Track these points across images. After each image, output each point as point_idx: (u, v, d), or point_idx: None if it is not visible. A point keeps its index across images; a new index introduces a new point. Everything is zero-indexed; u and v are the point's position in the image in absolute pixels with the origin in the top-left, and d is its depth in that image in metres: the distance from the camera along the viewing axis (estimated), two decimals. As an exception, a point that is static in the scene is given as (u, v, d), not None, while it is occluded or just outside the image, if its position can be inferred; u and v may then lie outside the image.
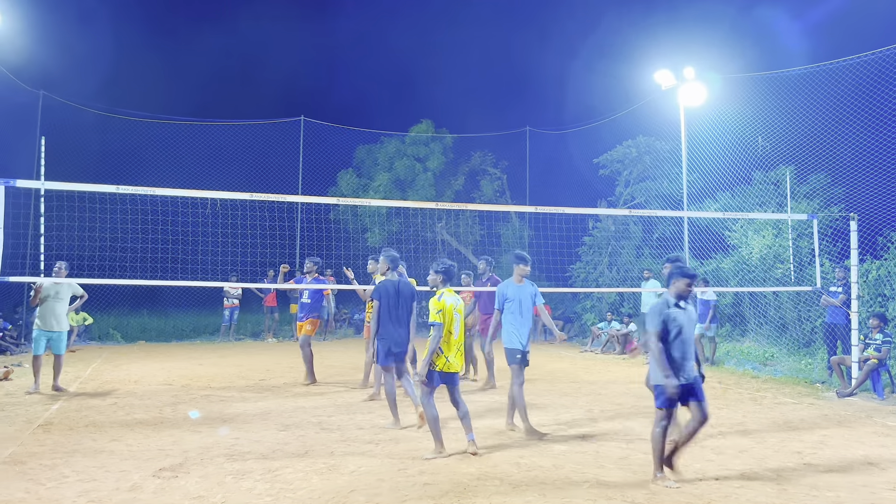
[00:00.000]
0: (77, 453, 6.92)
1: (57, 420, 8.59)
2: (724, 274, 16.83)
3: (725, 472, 6.35)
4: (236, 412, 9.23)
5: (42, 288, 10.78)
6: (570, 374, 13.34)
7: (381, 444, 7.42)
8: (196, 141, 21.78)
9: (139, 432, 7.93)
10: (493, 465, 6.52)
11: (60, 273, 10.73)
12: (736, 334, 16.74)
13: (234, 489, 5.74)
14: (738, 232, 16.62)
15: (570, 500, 5.49)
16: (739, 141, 16.08)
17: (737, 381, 12.56)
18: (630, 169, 21.01)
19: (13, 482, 5.88)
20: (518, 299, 8.26)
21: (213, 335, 20.27)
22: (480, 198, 24.67)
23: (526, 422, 7.97)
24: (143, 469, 6.31)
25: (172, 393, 10.77)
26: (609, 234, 21.21)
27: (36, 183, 12.12)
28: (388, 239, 23.10)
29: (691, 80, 16.44)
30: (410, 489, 5.74)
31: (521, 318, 8.25)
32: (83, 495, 5.53)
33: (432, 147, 24.51)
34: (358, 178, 24.52)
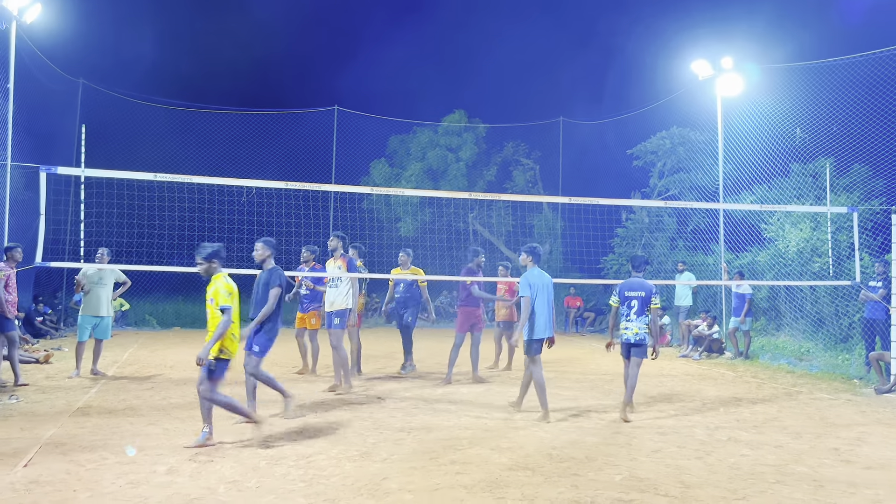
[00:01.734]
0: (115, 436, 7.05)
1: (96, 403, 8.76)
2: (759, 267, 16.61)
3: (761, 468, 6.28)
4: (269, 398, 9.32)
5: (83, 279, 10.95)
6: (602, 366, 13.27)
7: (413, 432, 7.45)
8: (231, 129, 22.02)
9: (175, 416, 8.06)
10: (526, 455, 6.52)
11: (103, 259, 10.87)
12: (771, 328, 16.53)
13: (269, 474, 5.80)
14: (775, 225, 16.39)
15: (602, 492, 5.47)
16: (777, 132, 15.82)
17: (771, 376, 12.41)
18: (664, 160, 20.81)
19: (54, 463, 6.01)
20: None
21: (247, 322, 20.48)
22: (513, 188, 24.61)
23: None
24: (179, 453, 6.41)
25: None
26: (643, 225, 21.04)
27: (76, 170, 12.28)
28: (421, 229, 23.15)
29: (729, 71, 16.20)
30: (442, 478, 5.77)
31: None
32: (122, 477, 5.64)
33: (465, 137, 24.49)
34: (390, 167, 24.59)
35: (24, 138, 14.39)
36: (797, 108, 15.35)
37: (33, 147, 15.45)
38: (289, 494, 5.31)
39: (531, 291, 8.34)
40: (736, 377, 12.28)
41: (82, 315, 10.96)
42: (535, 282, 8.41)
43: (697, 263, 18.41)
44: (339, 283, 9.94)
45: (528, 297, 8.32)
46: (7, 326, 10.01)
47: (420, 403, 9.10)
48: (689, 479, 5.89)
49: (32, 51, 14.83)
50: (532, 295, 8.34)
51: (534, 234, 23.77)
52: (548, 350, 8.51)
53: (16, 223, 13.33)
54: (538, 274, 8.52)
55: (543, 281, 8.48)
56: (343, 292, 9.90)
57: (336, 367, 10.00)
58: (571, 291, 21.91)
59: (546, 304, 8.40)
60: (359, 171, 23.96)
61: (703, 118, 18.41)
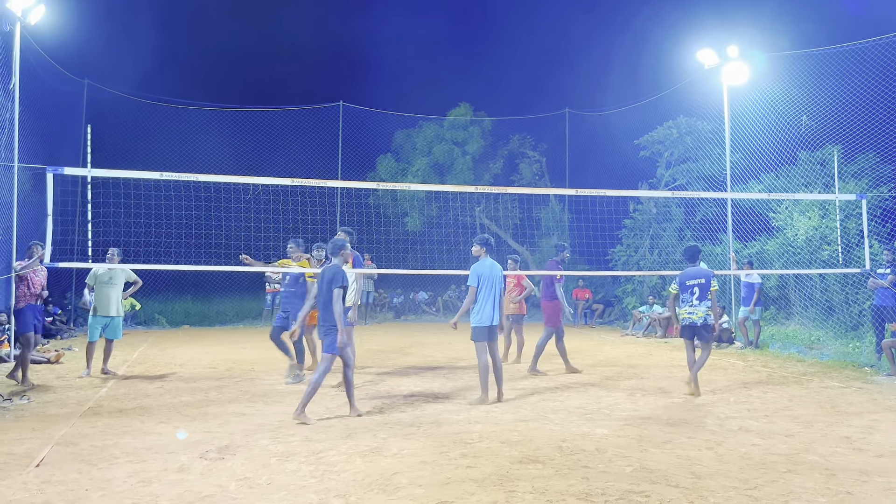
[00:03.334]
0: (126, 435, 7.07)
1: (106, 403, 8.79)
2: (768, 256, 16.54)
3: (772, 458, 6.25)
4: (280, 395, 9.36)
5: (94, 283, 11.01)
6: (611, 358, 13.25)
7: (423, 426, 7.45)
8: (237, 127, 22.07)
9: (186, 415, 8.08)
10: (536, 448, 6.51)
11: (113, 259, 10.88)
12: (781, 317, 16.47)
13: (280, 471, 5.81)
14: (783, 213, 16.31)
15: (613, 483, 5.46)
16: (784, 120, 15.73)
17: (782, 365, 12.37)
18: (671, 150, 20.72)
19: (66, 462, 6.03)
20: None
21: (256, 320, 20.55)
22: (519, 181, 24.58)
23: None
24: (190, 451, 6.43)
25: (217, 376, 10.95)
26: (650, 216, 20.98)
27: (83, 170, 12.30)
28: (427, 223, 23.15)
29: (735, 59, 16.11)
30: (453, 472, 5.77)
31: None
32: (133, 476, 5.66)
33: (471, 131, 24.46)
34: (396, 162, 24.59)
35: (31, 139, 14.44)
36: (804, 95, 15.26)
37: (40, 148, 15.50)
38: (300, 491, 5.32)
39: (478, 281, 8.84)
40: (746, 367, 12.25)
41: (92, 315, 11.00)
42: (483, 272, 8.88)
43: (706, 253, 18.32)
44: None
45: (474, 286, 8.85)
46: (23, 327, 10.08)
47: (429, 398, 9.10)
48: (700, 469, 5.87)
49: (37, 52, 14.86)
50: (478, 284, 8.84)
51: (541, 226, 23.76)
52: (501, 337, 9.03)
53: (24, 224, 13.37)
54: (489, 265, 8.97)
55: (493, 272, 8.93)
56: (349, 289, 9.91)
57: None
58: (580, 283, 21.88)
59: (492, 294, 8.82)
60: (365, 167, 23.98)
61: (710, 107, 18.32)
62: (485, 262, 8.98)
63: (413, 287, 24.26)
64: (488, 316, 8.84)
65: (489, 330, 8.89)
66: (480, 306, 8.85)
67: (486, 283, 8.86)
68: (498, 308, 8.91)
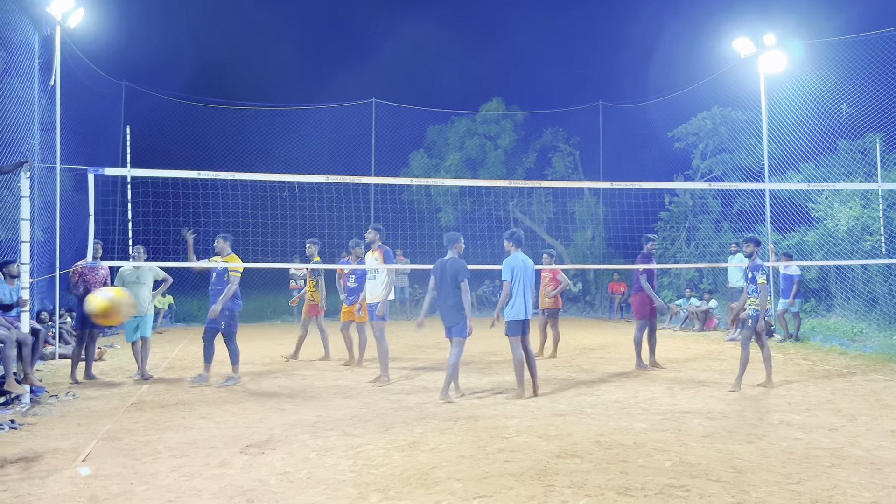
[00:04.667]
0: (168, 430, 7.19)
1: (149, 398, 8.95)
2: (808, 247, 16.27)
3: (815, 452, 6.16)
4: (317, 390, 9.45)
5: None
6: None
7: (460, 421, 7.46)
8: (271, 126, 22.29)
9: (226, 410, 8.19)
10: (574, 442, 6.49)
11: (139, 258, 10.86)
12: (822, 309, 16.19)
13: (319, 465, 5.87)
14: (823, 204, 16.02)
15: (653, 478, 5.42)
16: (823, 109, 15.45)
17: (823, 358, 12.17)
18: (706, 141, 20.47)
19: (111, 457, 6.15)
20: None
21: (293, 316, 20.70)
22: (552, 175, 24.44)
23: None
24: (230, 446, 6.52)
25: (255, 372, 11.08)
26: (686, 208, 20.75)
27: (122, 171, 12.58)
28: (461, 218, 23.16)
29: (772, 47, 15.84)
30: (491, 466, 5.77)
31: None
32: (176, 470, 5.75)
33: (503, 125, 24.39)
34: (429, 158, 24.61)
35: (71, 141, 14.72)
36: (843, 83, 14.98)
37: (80, 149, 15.79)
38: (339, 485, 5.37)
39: (511, 275, 8.86)
40: (786, 360, 12.07)
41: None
42: (516, 266, 8.93)
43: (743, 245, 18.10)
44: (376, 274, 10.08)
45: (508, 281, 8.87)
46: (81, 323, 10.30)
47: (465, 392, 9.11)
48: (741, 463, 5.80)
49: (76, 55, 15.13)
50: (512, 279, 8.85)
51: (575, 220, 23.61)
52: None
53: (66, 224, 13.65)
54: (521, 259, 9.02)
55: (526, 266, 8.99)
56: (381, 283, 10.02)
57: (382, 358, 10.10)
58: (615, 277, 21.72)
59: (524, 288, 8.91)
60: (398, 163, 24.04)
61: (746, 97, 18.06)
62: (517, 257, 9.02)
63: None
64: (521, 310, 8.88)
65: (523, 324, 8.92)
66: (513, 300, 8.90)
67: (519, 278, 8.90)
68: (531, 302, 8.97)
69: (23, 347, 8.35)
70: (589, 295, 23.60)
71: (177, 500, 5.08)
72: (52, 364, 11.69)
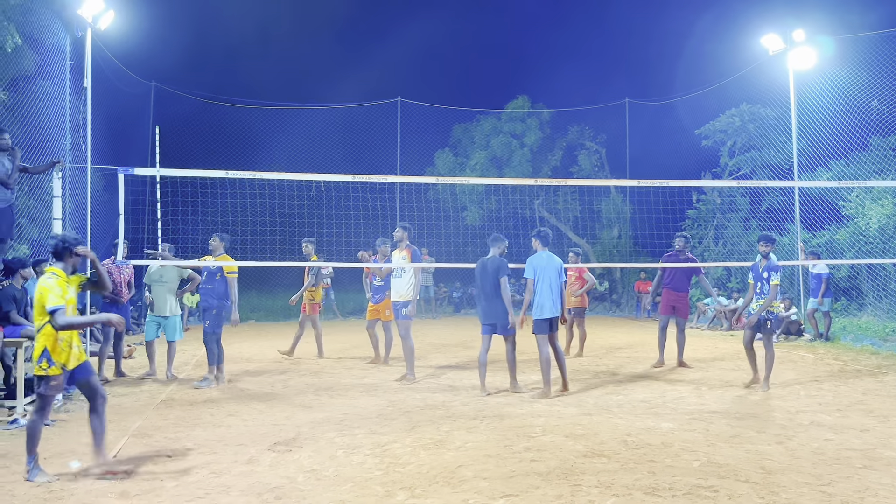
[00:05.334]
0: (197, 427, 7.27)
1: (177, 396, 9.05)
2: (838, 246, 16.05)
3: (846, 453, 6.08)
4: (344, 388, 9.49)
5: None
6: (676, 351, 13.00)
7: (486, 420, 7.47)
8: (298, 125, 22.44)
9: (253, 408, 8.27)
10: (601, 442, 6.46)
11: (165, 256, 10.74)
12: (853, 308, 15.97)
13: (346, 463, 5.90)
14: (854, 202, 15.79)
15: (681, 478, 5.38)
16: (854, 105, 15.22)
17: (854, 358, 12.00)
18: (734, 139, 20.26)
19: (141, 454, 6.23)
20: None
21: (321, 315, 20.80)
22: (578, 173, 24.32)
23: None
24: (258, 443, 6.58)
25: (283, 370, 11.15)
26: (714, 206, 20.56)
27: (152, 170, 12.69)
28: (486, 217, 23.14)
29: (801, 44, 15.63)
30: (517, 465, 5.77)
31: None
32: (205, 467, 5.81)
33: (529, 123, 24.32)
34: (455, 156, 24.61)
35: (101, 141, 14.92)
36: (874, 78, 14.75)
37: (110, 149, 16.01)
38: (366, 483, 5.39)
39: (535, 274, 8.91)
40: (816, 359, 11.92)
41: (149, 314, 10.81)
42: (539, 264, 8.95)
43: (772, 244, 17.89)
44: (403, 272, 10.12)
45: (530, 278, 8.94)
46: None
47: (491, 391, 9.09)
48: (770, 464, 5.75)
49: (106, 56, 15.32)
50: (536, 277, 8.91)
51: (601, 218, 23.48)
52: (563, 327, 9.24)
53: (97, 224, 13.83)
54: (545, 257, 9.03)
55: (551, 263, 8.99)
56: (407, 282, 10.06)
57: (407, 357, 10.13)
58: (642, 276, 21.56)
59: (549, 286, 8.90)
60: (423, 162, 24.08)
61: (774, 94, 17.83)
62: (541, 255, 9.04)
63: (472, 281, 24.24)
64: (548, 308, 8.87)
65: (550, 322, 8.91)
66: (538, 298, 8.91)
67: (542, 276, 8.90)
68: (558, 300, 8.95)
69: (55, 345, 8.47)
70: (615, 294, 23.47)
71: (206, 496, 5.14)
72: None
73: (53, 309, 5.38)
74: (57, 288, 5.45)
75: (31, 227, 12.43)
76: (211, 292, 9.91)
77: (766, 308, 9.11)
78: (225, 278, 9.91)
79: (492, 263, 8.99)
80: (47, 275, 5.56)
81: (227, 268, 9.94)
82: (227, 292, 9.91)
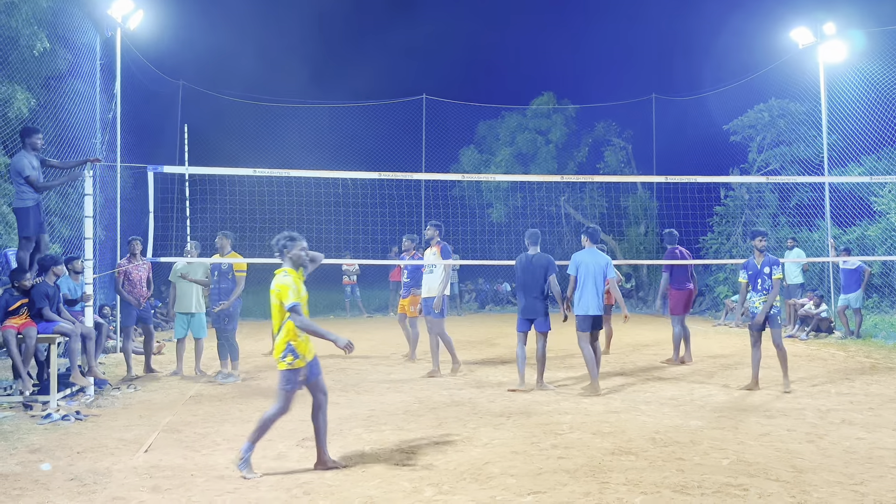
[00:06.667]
0: (226, 423, 7.35)
1: (206, 391, 9.15)
2: (869, 242, 15.81)
3: (879, 452, 6.00)
4: (370, 385, 9.53)
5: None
6: (703, 348, 12.90)
7: (513, 417, 7.46)
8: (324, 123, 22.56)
9: (281, 403, 8.31)
10: (628, 440, 6.44)
11: (192, 253, 10.79)
12: (885, 306, 15.73)
13: (373, 459, 5.93)
14: (886, 197, 15.53)
15: (709, 476, 5.35)
16: (886, 99, 14.96)
17: (887, 356, 11.81)
18: (763, 134, 20.01)
19: (172, 449, 6.32)
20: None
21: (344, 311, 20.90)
22: (605, 169, 24.16)
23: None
24: (286, 438, 6.63)
25: (310, 366, 11.19)
26: (742, 202, 20.33)
27: (181, 168, 12.88)
28: (512, 214, 23.09)
29: (832, 37, 15.40)
30: (544, 462, 5.76)
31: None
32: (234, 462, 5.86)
33: (554, 119, 24.21)
34: (480, 153, 24.57)
35: (130, 139, 15.09)
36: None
37: (139, 148, 16.19)
38: (393, 479, 5.42)
39: (577, 270, 8.89)
40: (847, 357, 11.76)
41: (177, 312, 10.75)
42: (581, 260, 8.92)
43: (801, 240, 17.68)
44: (433, 269, 10.18)
45: (573, 275, 8.90)
46: (123, 319, 10.55)
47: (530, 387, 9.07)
48: (801, 463, 5.69)
49: (135, 55, 15.50)
50: (578, 274, 8.86)
51: (627, 215, 23.31)
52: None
53: (127, 221, 14.02)
54: (590, 253, 9.02)
55: (596, 260, 8.94)
56: (438, 278, 10.14)
57: (433, 352, 10.20)
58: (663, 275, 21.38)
59: (594, 283, 8.85)
60: (448, 159, 24.05)
61: (804, 88, 17.59)
62: (586, 252, 9.02)
63: (497, 278, 24.20)
64: (590, 305, 8.83)
65: (593, 320, 8.89)
66: (581, 295, 8.86)
67: (587, 273, 8.85)
68: (601, 298, 8.93)
69: (87, 341, 8.61)
70: (642, 291, 23.31)
71: (235, 491, 5.19)
72: (114, 357, 12.01)
73: (292, 306, 5.60)
74: (293, 285, 5.68)
75: (62, 225, 12.62)
76: (224, 291, 10.05)
77: (771, 304, 8.90)
78: (235, 277, 10.06)
79: (538, 260, 9.03)
80: (282, 273, 5.79)
81: (237, 266, 10.08)
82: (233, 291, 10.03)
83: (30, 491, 5.20)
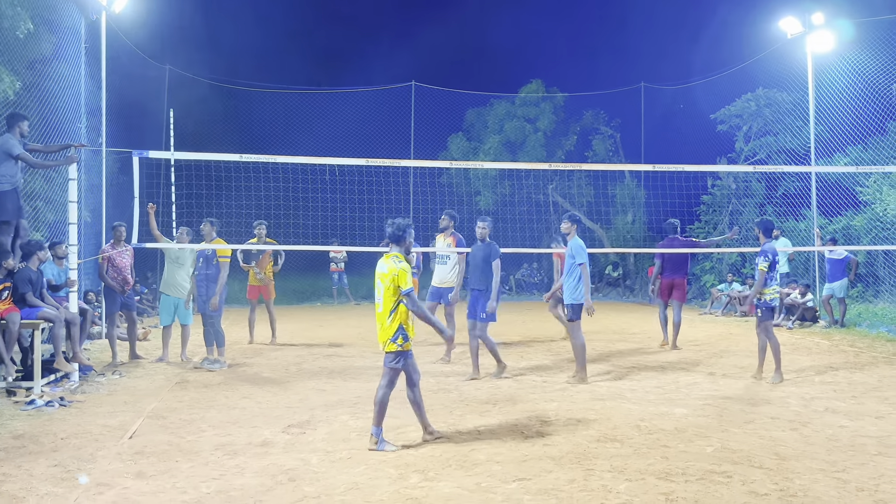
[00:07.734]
0: (212, 409, 7.33)
1: (192, 378, 9.12)
2: (855, 232, 15.91)
3: (861, 440, 6.05)
4: (357, 371, 9.53)
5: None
6: (689, 337, 12.96)
7: (498, 404, 7.48)
8: (311, 109, 22.41)
9: (267, 390, 8.31)
10: (613, 427, 6.46)
11: (182, 239, 10.59)
12: (869, 295, 15.85)
13: (359, 445, 5.93)
14: (872, 187, 15.62)
15: (694, 463, 5.38)
16: (872, 89, 15.02)
17: (870, 345, 11.91)
18: (750, 123, 20.06)
19: (157, 435, 6.29)
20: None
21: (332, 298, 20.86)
22: (593, 157, 24.20)
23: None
24: (272, 425, 6.62)
25: (297, 353, 11.22)
26: (729, 192, 20.40)
27: (166, 154, 12.75)
28: (500, 202, 23.09)
29: (820, 27, 15.43)
30: (530, 449, 5.78)
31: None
32: (219, 448, 5.86)
33: (543, 107, 24.20)
34: (468, 141, 24.55)
35: (116, 124, 14.95)
36: (894, 62, 14.54)
37: (125, 133, 16.05)
38: (379, 465, 5.42)
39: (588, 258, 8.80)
40: (831, 346, 11.85)
41: (162, 294, 10.67)
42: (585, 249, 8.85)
43: (788, 229, 17.77)
44: (447, 259, 10.19)
45: (585, 263, 8.70)
46: (110, 306, 10.47)
47: (505, 376, 9.10)
48: (784, 450, 5.73)
49: (121, 39, 15.34)
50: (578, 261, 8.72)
51: (615, 203, 23.35)
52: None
53: (112, 206, 13.90)
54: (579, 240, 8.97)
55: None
56: (451, 268, 10.17)
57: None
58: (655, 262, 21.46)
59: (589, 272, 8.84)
60: (437, 146, 24.00)
61: (791, 78, 17.63)
62: (580, 240, 8.89)
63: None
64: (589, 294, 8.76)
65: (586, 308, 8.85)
66: (577, 284, 8.74)
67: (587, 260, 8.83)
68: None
69: (71, 327, 8.56)
70: (629, 279, 23.39)
71: (221, 477, 5.18)
72: (99, 343, 11.94)
73: (408, 291, 5.82)
74: (408, 271, 5.86)
75: (46, 209, 12.50)
76: (210, 277, 10.02)
77: (756, 295, 8.87)
78: (219, 262, 10.03)
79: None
80: (395, 259, 5.92)
81: (220, 252, 10.04)
82: (218, 277, 10.00)
83: (13, 477, 5.17)
